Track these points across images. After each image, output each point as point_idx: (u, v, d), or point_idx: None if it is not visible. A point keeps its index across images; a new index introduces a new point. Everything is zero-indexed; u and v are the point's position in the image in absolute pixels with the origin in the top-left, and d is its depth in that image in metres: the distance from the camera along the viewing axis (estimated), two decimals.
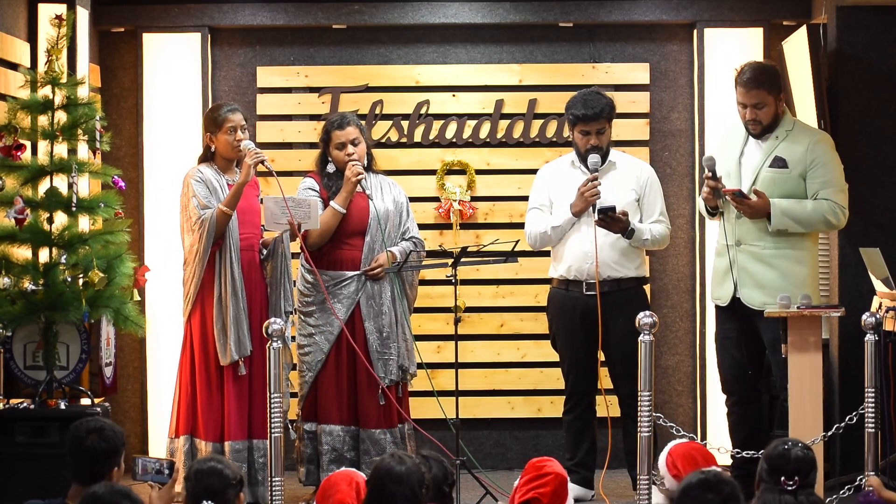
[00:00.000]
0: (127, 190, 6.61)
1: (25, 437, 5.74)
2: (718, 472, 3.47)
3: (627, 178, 6.35)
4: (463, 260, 6.19)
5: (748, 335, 6.06)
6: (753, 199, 5.95)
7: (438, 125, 7.39)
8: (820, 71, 6.70)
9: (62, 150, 6.04)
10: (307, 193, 6.26)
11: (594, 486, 6.39)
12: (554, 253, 6.40)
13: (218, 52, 7.44)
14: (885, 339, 5.96)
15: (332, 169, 6.30)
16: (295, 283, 6.32)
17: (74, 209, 5.93)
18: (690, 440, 5.18)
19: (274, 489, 5.04)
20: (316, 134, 6.63)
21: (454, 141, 7.39)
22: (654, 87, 7.45)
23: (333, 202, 6.21)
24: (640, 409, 5.23)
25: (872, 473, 5.38)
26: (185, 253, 6.12)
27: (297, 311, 6.28)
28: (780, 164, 6.02)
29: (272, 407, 5.09)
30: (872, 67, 6.81)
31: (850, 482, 5.76)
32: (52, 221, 5.92)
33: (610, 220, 6.14)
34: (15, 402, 5.95)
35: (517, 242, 6.21)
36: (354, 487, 4.32)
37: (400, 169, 7.23)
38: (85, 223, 6.28)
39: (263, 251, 6.20)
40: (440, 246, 7.04)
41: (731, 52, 7.21)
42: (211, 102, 7.26)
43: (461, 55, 7.47)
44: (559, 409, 6.50)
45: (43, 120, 5.99)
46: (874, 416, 5.43)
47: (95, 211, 6.05)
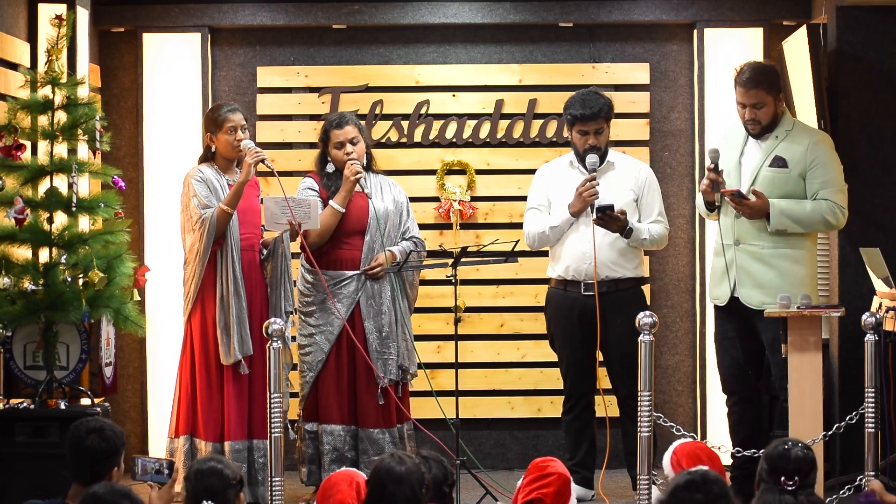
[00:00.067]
0: (127, 190, 6.62)
1: (25, 437, 5.74)
2: (706, 471, 3.42)
3: (626, 178, 6.35)
4: (463, 260, 6.18)
5: (747, 335, 6.06)
6: (752, 199, 5.95)
7: (438, 125, 7.38)
8: (820, 71, 6.70)
9: (62, 150, 6.03)
10: (307, 193, 6.26)
11: (594, 486, 6.39)
12: (552, 253, 6.40)
13: (218, 52, 7.44)
14: (885, 339, 5.96)
15: (331, 169, 6.30)
16: (295, 283, 6.32)
17: (74, 209, 5.93)
18: (693, 440, 5.17)
19: (274, 489, 5.04)
20: (316, 134, 6.63)
21: (454, 141, 7.39)
22: (654, 87, 7.45)
23: (332, 201, 6.21)
24: (640, 409, 5.23)
25: (872, 474, 5.38)
26: (185, 253, 6.12)
27: (297, 311, 6.29)
28: (779, 163, 6.01)
29: (272, 407, 5.09)
30: (872, 67, 6.81)
31: (850, 482, 5.76)
32: (52, 221, 5.92)
33: (608, 218, 6.14)
34: (15, 402, 5.95)
35: (517, 242, 6.21)
36: (355, 487, 4.31)
37: (400, 169, 7.23)
38: (85, 223, 6.28)
39: (264, 251, 6.20)
40: (440, 246, 7.04)
41: (731, 52, 7.20)
42: (211, 102, 7.26)
43: (461, 55, 7.47)
44: (559, 409, 6.50)
45: (43, 120, 5.99)
46: (874, 416, 5.42)
47: (95, 211, 6.05)
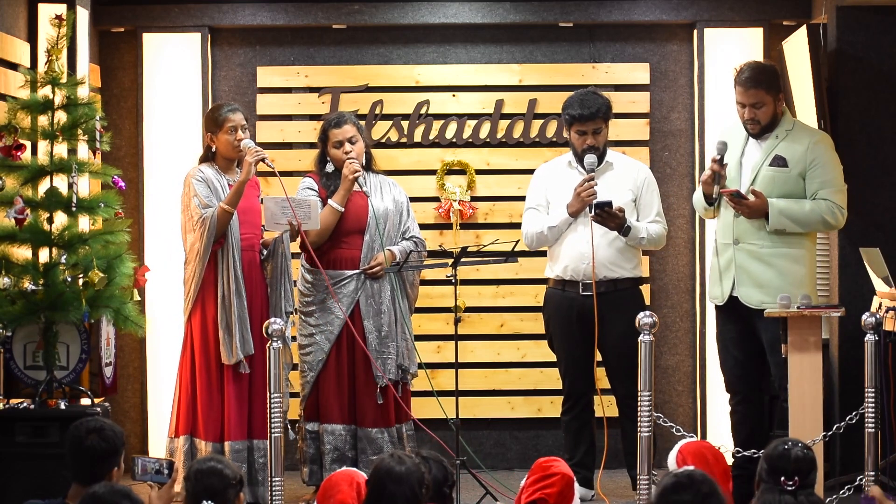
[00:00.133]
0: (127, 190, 6.62)
1: (25, 437, 5.74)
2: (692, 471, 3.38)
3: (624, 178, 6.35)
4: (463, 260, 6.18)
5: (747, 335, 6.06)
6: (751, 199, 5.94)
7: (438, 125, 7.38)
8: (820, 71, 6.70)
9: (62, 150, 6.03)
10: (306, 193, 6.26)
11: (594, 485, 6.39)
12: (550, 253, 6.40)
13: (218, 52, 7.44)
14: (885, 339, 5.96)
15: (330, 168, 6.31)
16: (295, 283, 6.32)
17: (74, 209, 5.93)
18: (701, 440, 5.17)
19: (274, 489, 5.04)
20: (316, 134, 6.63)
21: (454, 141, 7.39)
22: (654, 87, 7.45)
23: (331, 200, 6.22)
24: (640, 409, 5.22)
25: (872, 474, 5.38)
26: (185, 252, 6.12)
27: (297, 311, 6.29)
28: (779, 162, 6.01)
29: (272, 407, 5.09)
30: (872, 67, 6.81)
31: (850, 482, 5.76)
32: (52, 221, 5.92)
33: (606, 215, 6.13)
34: (15, 402, 5.95)
35: (517, 242, 6.21)
36: (355, 488, 4.31)
37: (400, 169, 7.23)
38: (85, 223, 6.28)
39: (264, 251, 6.21)
40: (440, 246, 7.04)
41: (731, 52, 7.20)
42: (211, 102, 7.26)
43: (461, 55, 7.47)
44: (559, 409, 6.49)
45: (43, 120, 5.98)
46: (874, 416, 5.43)
47: (95, 211, 6.05)
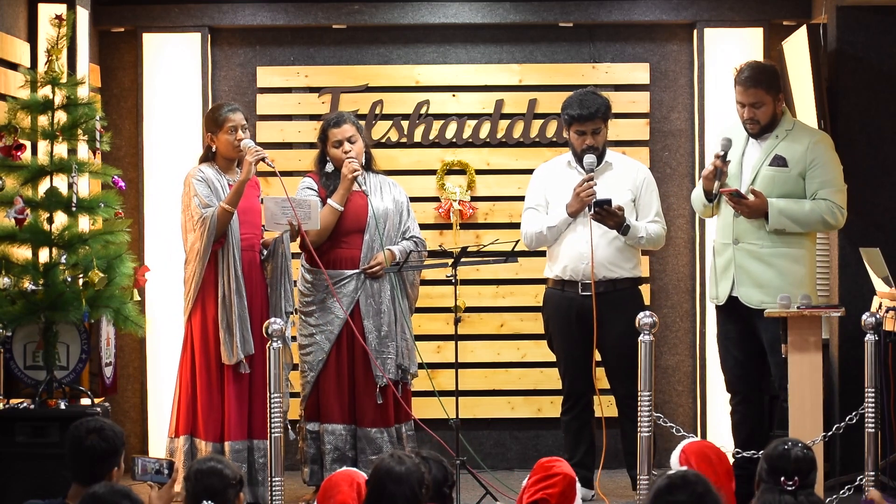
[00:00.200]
0: (127, 190, 6.62)
1: (25, 437, 5.74)
2: (685, 471, 3.37)
3: (623, 178, 6.35)
4: (463, 260, 6.18)
5: (748, 335, 6.06)
6: (751, 199, 5.94)
7: (438, 125, 7.38)
8: (820, 71, 6.69)
9: (62, 150, 6.03)
10: (306, 193, 6.27)
11: (593, 485, 6.39)
12: (549, 253, 6.40)
13: (218, 52, 7.44)
14: (885, 339, 5.96)
15: (330, 168, 6.31)
16: (295, 283, 6.32)
17: (74, 209, 5.93)
18: (703, 440, 5.17)
19: (274, 489, 5.04)
20: (315, 134, 6.63)
21: (454, 141, 7.39)
22: (654, 87, 7.45)
23: (331, 200, 6.22)
24: (640, 409, 5.22)
25: (872, 474, 5.38)
26: (186, 252, 6.12)
27: (297, 311, 6.29)
28: (779, 162, 6.01)
29: (272, 407, 5.09)
30: (872, 67, 6.81)
31: (850, 482, 5.76)
32: (52, 221, 5.92)
33: (606, 213, 6.13)
34: (15, 402, 5.95)
35: (517, 242, 6.21)
36: (355, 488, 4.31)
37: (400, 169, 7.23)
38: (85, 223, 6.28)
39: (264, 251, 6.21)
40: (440, 246, 7.04)
41: (731, 52, 7.20)
42: (211, 102, 7.26)
43: (461, 55, 7.47)
44: (559, 409, 6.49)
45: (43, 120, 5.98)
46: (874, 416, 5.43)
47: (95, 211, 6.05)
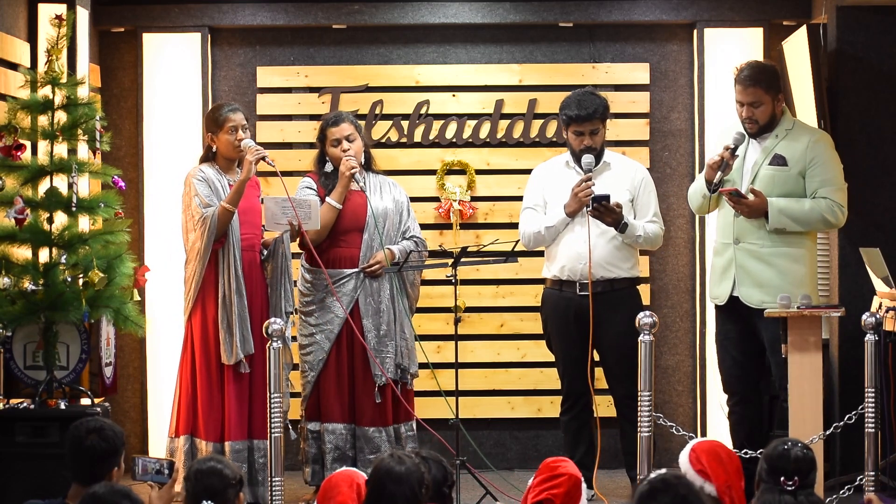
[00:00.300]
0: (127, 190, 6.62)
1: (25, 437, 5.73)
2: (665, 474, 3.34)
3: (621, 178, 6.35)
4: (463, 260, 6.18)
5: (748, 335, 6.06)
6: (751, 198, 5.94)
7: (438, 125, 7.38)
8: (820, 71, 6.69)
9: (62, 150, 6.03)
10: (305, 192, 6.27)
11: (592, 485, 6.39)
12: (547, 253, 6.40)
13: (218, 52, 7.44)
14: (885, 339, 5.96)
15: (329, 168, 6.31)
16: (295, 283, 6.32)
17: (74, 209, 5.93)
18: (712, 439, 5.15)
19: (274, 489, 5.04)
20: (315, 134, 6.63)
21: (454, 141, 7.39)
22: (654, 87, 7.45)
23: (329, 198, 6.22)
24: (640, 409, 5.22)
25: (872, 474, 5.38)
26: (186, 252, 6.12)
27: (297, 311, 6.29)
28: (779, 161, 6.01)
29: (272, 407, 5.09)
30: (872, 67, 6.81)
31: (850, 482, 5.76)
32: (52, 221, 5.92)
33: (604, 209, 6.13)
34: (15, 402, 5.95)
35: (517, 242, 6.21)
36: (355, 489, 4.29)
37: (400, 169, 7.23)
38: (85, 223, 6.28)
39: (264, 252, 6.21)
40: (440, 246, 7.04)
41: (731, 52, 7.20)
42: (211, 102, 7.26)
43: (461, 55, 7.47)
44: (559, 408, 6.50)
45: (43, 120, 5.98)
46: (874, 416, 5.43)
47: (95, 211, 6.05)
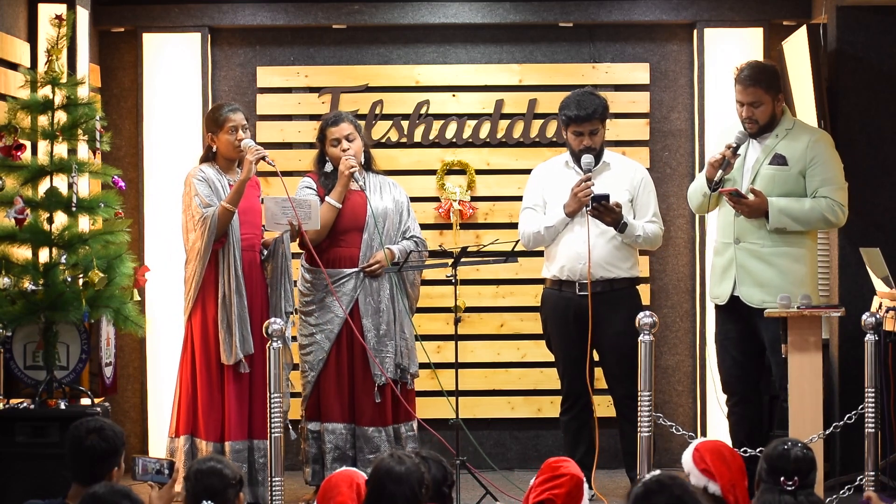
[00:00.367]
0: (127, 190, 6.62)
1: (25, 437, 5.74)
2: (659, 475, 3.33)
3: (621, 178, 6.34)
4: (463, 260, 6.18)
5: (749, 335, 6.06)
6: (751, 198, 5.94)
7: (438, 125, 7.38)
8: (820, 71, 6.69)
9: (62, 150, 6.03)
10: (305, 192, 6.27)
11: (591, 485, 6.39)
12: (547, 253, 6.40)
13: (218, 52, 7.44)
14: (885, 339, 5.96)
15: (329, 168, 6.31)
16: (295, 283, 6.32)
17: (74, 209, 5.93)
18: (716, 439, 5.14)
19: (274, 489, 5.04)
20: (315, 134, 6.63)
21: (454, 141, 7.39)
22: (654, 87, 7.45)
23: (328, 197, 6.22)
24: (640, 409, 5.22)
25: (872, 474, 5.38)
26: (186, 252, 6.12)
27: (297, 311, 6.29)
28: (779, 161, 6.01)
29: (272, 407, 5.09)
30: (872, 67, 6.81)
31: (850, 482, 5.76)
32: (52, 221, 5.92)
33: (603, 209, 6.13)
34: (15, 402, 5.95)
35: (517, 242, 6.21)
36: (355, 489, 4.29)
37: (400, 169, 7.23)
38: (85, 223, 6.28)
39: (264, 252, 6.21)
40: (440, 246, 7.04)
41: (731, 52, 7.20)
42: (211, 102, 7.26)
43: (461, 55, 7.47)
44: (559, 409, 6.49)
45: (43, 120, 5.98)
46: (874, 416, 5.43)
47: (95, 211, 6.05)
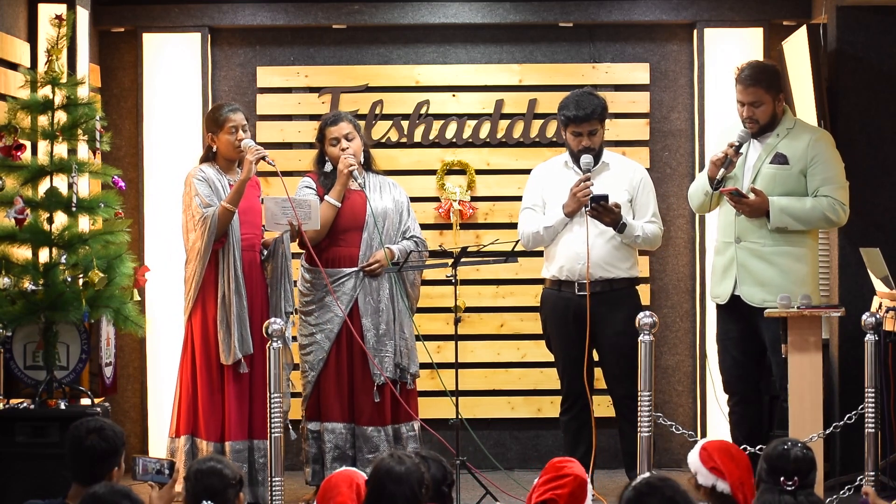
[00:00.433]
0: (127, 190, 6.62)
1: (25, 437, 5.74)
2: (648, 478, 3.35)
3: (620, 178, 6.34)
4: (463, 260, 6.19)
5: (749, 335, 6.06)
6: (752, 197, 5.94)
7: (438, 125, 7.38)
8: (820, 71, 6.70)
9: (62, 150, 6.04)
10: (305, 192, 6.27)
11: (592, 486, 6.39)
12: (546, 253, 6.40)
13: (218, 52, 7.44)
14: (885, 339, 5.96)
15: (329, 168, 6.31)
16: (295, 283, 6.32)
17: (74, 209, 5.93)
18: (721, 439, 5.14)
19: (274, 489, 5.04)
20: (314, 134, 6.63)
21: (454, 141, 7.39)
22: (654, 87, 7.45)
23: (328, 196, 6.22)
24: (640, 409, 5.22)
25: (872, 474, 5.38)
26: (186, 252, 6.12)
27: (297, 311, 6.28)
28: (780, 160, 6.01)
29: (272, 407, 5.09)
30: (872, 67, 6.81)
31: (850, 482, 5.76)
32: (52, 221, 5.92)
33: (602, 209, 6.12)
34: (15, 402, 5.96)
35: (517, 242, 6.21)
36: (355, 489, 4.29)
37: (400, 169, 7.23)
38: (85, 223, 6.28)
39: (264, 252, 6.21)
40: (440, 246, 7.04)
41: (731, 52, 7.20)
42: (211, 102, 7.26)
43: (461, 55, 7.47)
44: (559, 409, 6.49)
45: (43, 120, 5.99)
46: (874, 416, 5.43)
47: (95, 211, 6.05)
